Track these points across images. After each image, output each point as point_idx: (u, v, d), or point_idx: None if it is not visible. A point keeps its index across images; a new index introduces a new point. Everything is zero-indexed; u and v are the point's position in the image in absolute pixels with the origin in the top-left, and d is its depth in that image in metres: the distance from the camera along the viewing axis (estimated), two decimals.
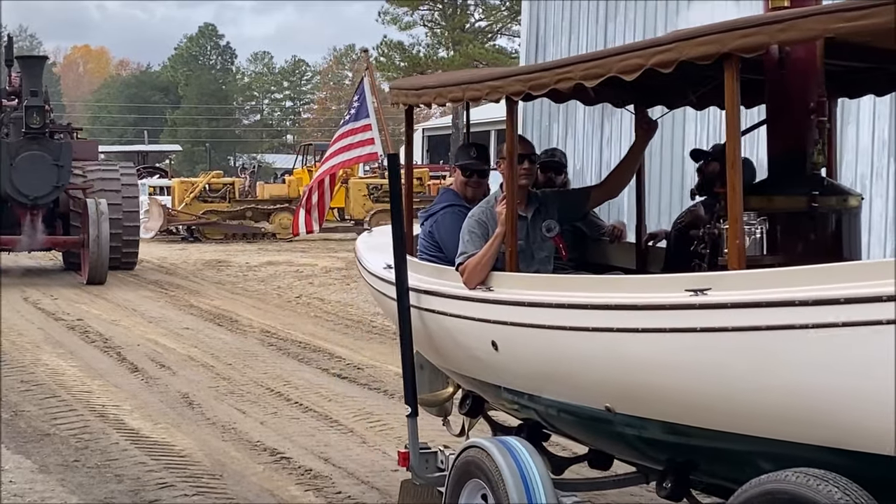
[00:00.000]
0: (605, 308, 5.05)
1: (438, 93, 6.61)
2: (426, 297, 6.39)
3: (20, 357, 13.23)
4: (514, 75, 5.92)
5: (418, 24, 64.83)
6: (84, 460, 8.58)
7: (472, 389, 6.85)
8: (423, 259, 6.76)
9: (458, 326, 6.15)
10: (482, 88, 6.10)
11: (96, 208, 21.60)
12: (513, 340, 5.68)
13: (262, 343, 14.63)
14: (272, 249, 31.99)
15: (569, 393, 5.52)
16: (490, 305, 5.81)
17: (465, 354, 6.26)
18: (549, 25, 18.03)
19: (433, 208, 6.98)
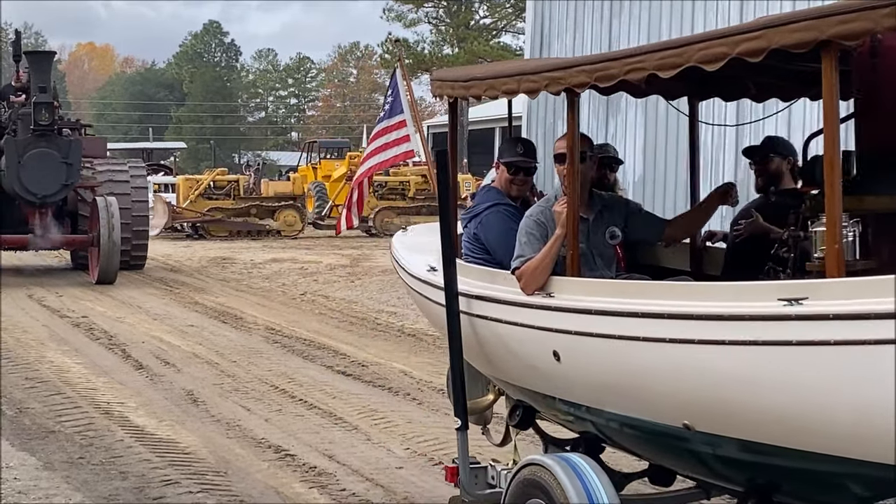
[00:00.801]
0: (685, 318, 4.67)
1: (490, 85, 6.18)
2: (477, 303, 6.03)
3: (25, 354, 13.24)
4: (578, 65, 5.48)
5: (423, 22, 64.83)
6: (89, 457, 8.59)
7: (522, 399, 6.42)
8: (468, 262, 6.41)
9: (515, 335, 5.77)
10: (540, 80, 5.68)
11: (107, 207, 21.23)
12: (578, 351, 5.30)
13: (267, 340, 14.64)
14: (277, 247, 31.99)
15: (639, 408, 5.15)
16: (552, 313, 5.43)
17: (521, 364, 5.89)
18: (554, 23, 18.03)
19: (476, 208, 6.61)
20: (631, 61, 5.09)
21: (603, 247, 5.94)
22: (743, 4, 14.14)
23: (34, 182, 21.23)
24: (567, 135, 5.65)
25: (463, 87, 6.49)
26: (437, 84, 6.91)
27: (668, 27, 15.34)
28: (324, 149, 48.89)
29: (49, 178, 21.30)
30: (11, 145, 21.37)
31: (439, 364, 12.89)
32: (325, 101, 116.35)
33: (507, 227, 6.22)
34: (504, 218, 6.36)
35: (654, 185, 15.63)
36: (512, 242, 5.94)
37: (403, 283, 7.76)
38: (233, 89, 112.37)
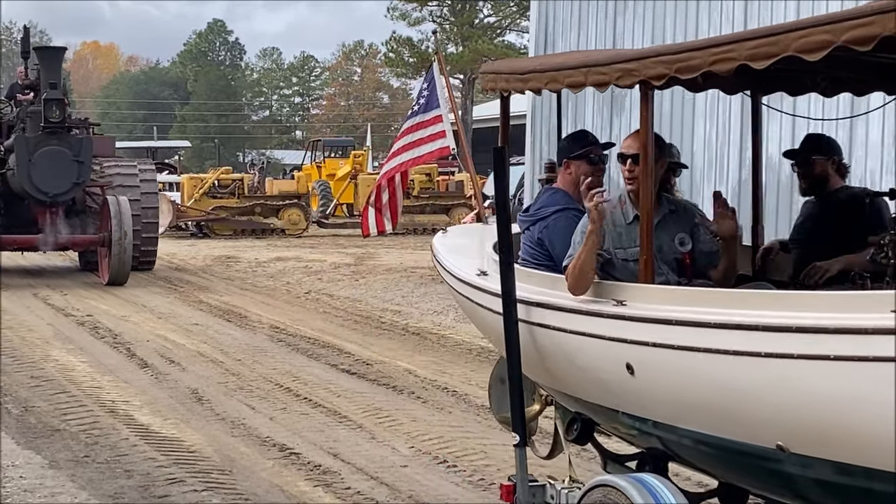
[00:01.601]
0: (784, 330, 4.27)
1: (552, 77, 5.76)
2: (537, 310, 5.63)
3: (30, 353, 13.26)
4: (655, 55, 5.10)
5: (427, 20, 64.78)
6: (94, 456, 8.60)
7: (581, 412, 6.03)
8: (525, 267, 6.04)
9: (581, 345, 5.36)
10: (610, 72, 5.32)
11: (118, 206, 20.78)
12: (655, 364, 4.91)
13: (272, 339, 14.65)
14: (281, 245, 32.02)
15: (724, 426, 4.76)
16: (626, 323, 5.02)
17: (586, 376, 5.49)
18: (558, 21, 18.03)
19: (542, 211, 6.21)
20: (719, 51, 4.73)
21: (670, 252, 5.62)
22: (747, 5, 14.13)
23: (45, 181, 20.78)
24: (640, 132, 5.34)
25: (520, 80, 6.11)
26: (490, 77, 6.54)
27: (673, 27, 15.34)
28: (328, 147, 48.97)
29: (60, 177, 20.86)
30: (22, 143, 20.91)
31: (443, 362, 12.91)
32: (330, 100, 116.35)
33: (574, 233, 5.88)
34: (573, 223, 5.94)
35: None
36: None
37: (449, 287, 7.42)
38: (237, 88, 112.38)
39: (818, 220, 6.29)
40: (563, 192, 6.26)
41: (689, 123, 15.05)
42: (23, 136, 21.08)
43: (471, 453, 8.70)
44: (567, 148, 6.34)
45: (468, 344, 14.23)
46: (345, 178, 40.52)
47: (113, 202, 20.90)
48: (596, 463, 7.47)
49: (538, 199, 6.39)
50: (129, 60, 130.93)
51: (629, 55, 5.34)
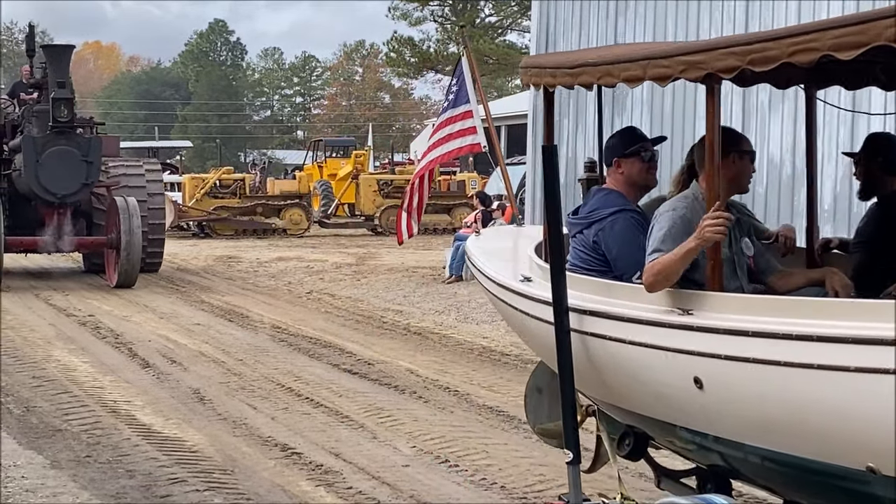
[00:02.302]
0: (877, 343, 3.97)
1: (606, 71, 5.43)
2: (591, 319, 5.30)
3: (32, 353, 13.27)
4: (725, 47, 4.76)
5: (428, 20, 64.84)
6: (96, 456, 8.60)
7: (634, 425, 5.71)
8: (576, 272, 5.69)
9: (643, 357, 5.02)
10: (673, 65, 5.00)
11: (127, 207, 20.35)
12: (727, 378, 4.58)
13: (273, 339, 14.65)
14: (282, 245, 32.03)
15: (804, 445, 4.44)
16: (695, 334, 4.69)
17: (647, 390, 5.16)
18: (559, 21, 18.04)
19: (598, 213, 5.88)
20: (799, 41, 4.37)
21: (743, 256, 5.36)
22: (748, 4, 14.14)
23: (53, 181, 20.36)
24: (707, 130, 5.05)
25: (569, 74, 5.73)
26: (533, 72, 6.16)
27: (674, 26, 15.35)
28: (329, 147, 49.00)
29: (69, 177, 20.42)
30: (29, 143, 20.48)
31: (445, 362, 12.91)
32: (331, 100, 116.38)
33: (633, 236, 5.67)
34: (631, 226, 5.74)
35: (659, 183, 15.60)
36: (636, 255, 5.42)
37: (489, 294, 7.05)
38: (238, 88, 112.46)
39: (878, 223, 6.06)
40: (617, 192, 5.98)
41: (690, 123, 15.05)
42: (30, 136, 20.68)
43: (472, 453, 8.70)
44: (617, 146, 6.07)
45: (469, 344, 14.24)
46: (346, 178, 40.52)
47: (121, 203, 20.50)
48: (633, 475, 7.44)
49: (590, 201, 6.06)
50: (131, 60, 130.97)
51: (694, 46, 5.04)
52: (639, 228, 5.68)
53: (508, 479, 7.98)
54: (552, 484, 7.83)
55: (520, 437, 9.23)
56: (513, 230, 8.36)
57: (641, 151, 5.99)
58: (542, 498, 7.53)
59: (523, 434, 9.33)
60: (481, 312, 16.60)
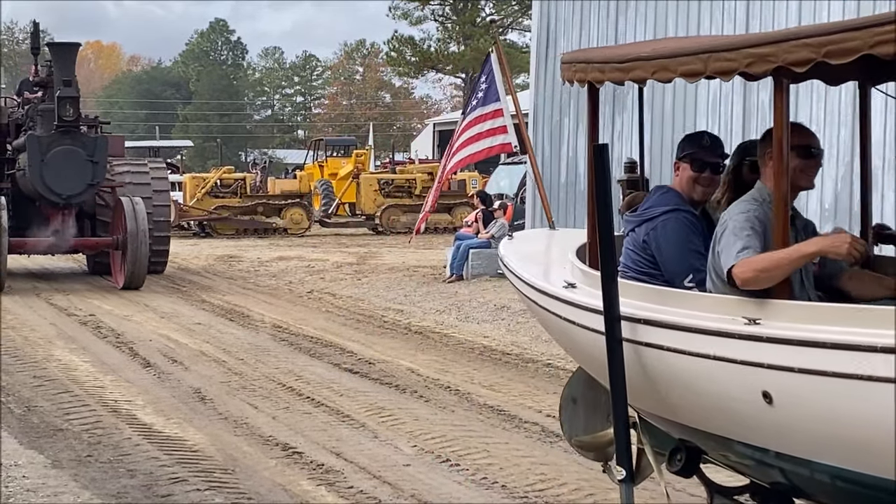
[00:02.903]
0: None
1: (662, 66, 5.10)
2: (644, 328, 5.00)
3: (33, 352, 13.27)
4: (797, 38, 4.43)
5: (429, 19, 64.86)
6: (97, 455, 8.60)
7: (687, 439, 5.40)
8: (623, 275, 5.44)
9: (704, 369, 4.70)
10: (739, 58, 4.67)
11: (133, 208, 20.06)
12: (799, 392, 4.30)
13: (274, 338, 14.66)
14: (283, 245, 32.03)
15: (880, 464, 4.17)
16: (765, 345, 4.38)
17: (706, 403, 4.84)
18: (560, 21, 18.04)
19: (650, 211, 5.69)
20: (883, 31, 4.09)
21: (811, 263, 5.06)
22: (749, 4, 14.14)
23: (58, 181, 20.04)
24: (775, 128, 4.72)
25: (619, 69, 5.40)
26: (578, 67, 5.81)
27: (675, 26, 15.35)
28: (330, 147, 49.06)
29: (74, 178, 20.12)
30: (34, 142, 20.14)
31: (446, 361, 12.91)
32: (332, 99, 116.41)
33: (686, 237, 5.45)
34: (684, 226, 5.48)
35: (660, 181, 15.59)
36: (687, 257, 5.30)
37: (526, 300, 6.69)
38: (239, 87, 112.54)
39: None
40: (675, 191, 5.75)
41: (690, 122, 15.05)
42: (35, 136, 20.36)
43: (473, 452, 8.70)
44: (681, 146, 5.88)
45: (470, 343, 14.24)
46: (347, 178, 40.54)
47: (128, 204, 20.18)
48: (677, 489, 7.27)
49: (648, 199, 5.86)
50: (132, 60, 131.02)
51: (763, 38, 4.67)
52: (692, 230, 5.50)
53: (509, 478, 7.98)
54: (553, 483, 7.84)
55: (521, 437, 9.23)
56: (545, 233, 8.14)
57: (694, 159, 5.72)
58: (543, 497, 7.54)
59: (524, 433, 9.34)
60: (482, 312, 16.60)
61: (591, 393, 6.40)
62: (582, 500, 7.52)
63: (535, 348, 13.76)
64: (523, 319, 15.73)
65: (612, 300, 5.04)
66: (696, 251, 5.40)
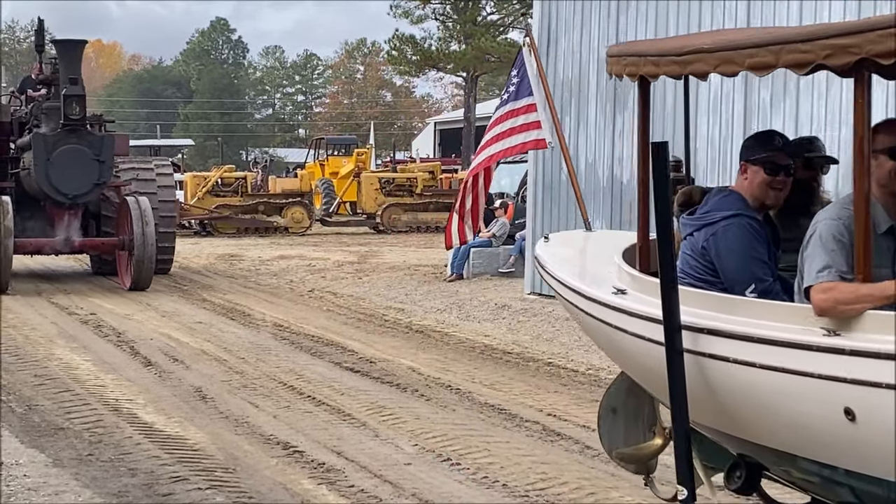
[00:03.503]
0: None
1: (727, 58, 4.71)
2: (707, 339, 4.66)
3: (34, 351, 13.27)
4: (882, 28, 4.03)
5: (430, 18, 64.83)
6: (98, 454, 8.61)
7: (747, 454, 5.11)
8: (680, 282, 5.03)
9: (779, 384, 4.36)
10: (816, 49, 4.26)
11: (139, 208, 19.74)
12: (888, 410, 3.94)
13: (275, 337, 14.66)
14: (284, 243, 32.04)
15: None
16: (848, 358, 4.04)
17: (779, 420, 4.49)
18: (561, 20, 18.03)
19: (711, 215, 5.36)
20: None
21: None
22: (750, 4, 14.13)
23: (64, 181, 19.77)
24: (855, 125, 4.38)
25: (677, 62, 5.04)
26: (630, 60, 5.45)
27: (676, 25, 15.34)
28: (331, 145, 49.06)
29: (80, 177, 19.84)
30: (40, 141, 19.85)
31: (447, 360, 12.91)
32: (333, 98, 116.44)
33: (749, 244, 5.17)
34: (748, 233, 5.18)
35: None
36: (749, 266, 5.07)
37: (569, 307, 6.31)
38: (240, 86, 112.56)
39: None
40: (738, 195, 5.41)
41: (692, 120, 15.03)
42: (40, 134, 20.05)
43: (474, 451, 8.70)
44: (749, 147, 5.52)
45: (471, 342, 14.24)
46: (348, 177, 40.57)
47: (134, 204, 19.88)
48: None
49: (708, 201, 5.52)
50: (132, 59, 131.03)
51: (843, 28, 4.25)
52: (755, 237, 5.22)
53: (510, 477, 7.98)
54: (554, 482, 7.84)
55: (522, 436, 9.24)
56: (581, 234, 7.86)
57: (769, 162, 5.36)
58: (544, 496, 7.54)
59: (525, 432, 9.35)
60: (483, 311, 16.61)
61: (632, 402, 6.21)
62: (583, 499, 7.53)
63: (536, 347, 13.77)
64: (524, 318, 15.75)
65: (672, 309, 4.73)
66: (759, 259, 5.17)
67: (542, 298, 17.44)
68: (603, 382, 11.62)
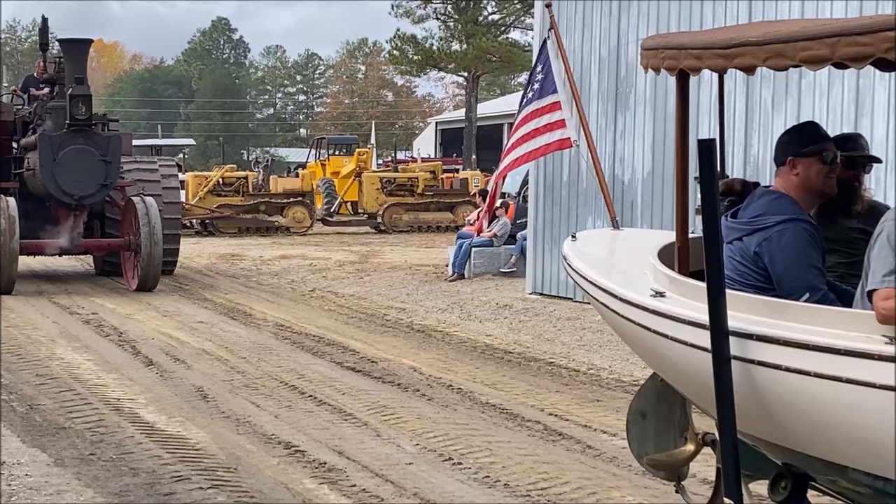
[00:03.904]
0: None
1: (779, 51, 4.42)
2: (759, 346, 4.43)
3: (35, 351, 13.28)
4: None
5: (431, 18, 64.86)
6: (99, 454, 8.61)
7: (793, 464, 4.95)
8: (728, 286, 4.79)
9: (836, 393, 4.17)
10: (876, 42, 4.04)
11: (146, 208, 19.54)
12: None
13: (276, 336, 14.66)
14: (286, 243, 32.04)
15: None
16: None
17: (833, 430, 4.32)
18: (563, 19, 18.02)
19: (763, 220, 5.13)
20: None
21: None
22: (751, 4, 14.14)
23: (70, 181, 19.49)
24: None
25: (722, 55, 4.78)
26: (669, 53, 5.19)
27: (677, 24, 15.34)
28: (332, 145, 49.09)
29: (87, 178, 19.56)
30: (46, 141, 19.55)
31: (448, 360, 12.91)
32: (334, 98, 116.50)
33: (804, 251, 4.97)
34: (803, 238, 4.98)
35: (662, 179, 15.64)
36: (806, 273, 4.88)
37: (602, 308, 6.04)
38: (241, 86, 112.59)
39: None
40: (789, 197, 5.18)
41: (693, 122, 15.04)
42: (46, 135, 19.77)
43: (476, 451, 8.70)
44: (794, 142, 5.29)
45: (473, 341, 14.24)
46: (349, 176, 40.58)
47: (140, 204, 19.69)
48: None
49: (753, 204, 5.28)
50: (134, 59, 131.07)
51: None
52: (811, 243, 5.02)
53: (512, 476, 7.99)
54: (555, 481, 7.85)
55: (523, 435, 9.24)
56: (608, 233, 7.67)
57: (823, 151, 5.19)
58: (546, 495, 7.55)
59: (527, 432, 9.35)
60: (484, 310, 16.61)
61: (663, 407, 6.07)
62: (584, 498, 7.53)
63: (538, 347, 13.77)
64: (525, 318, 15.75)
65: (720, 314, 4.48)
66: (815, 267, 4.98)
67: (544, 298, 17.45)
68: (604, 382, 11.63)
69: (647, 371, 12.08)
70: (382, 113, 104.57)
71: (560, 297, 17.25)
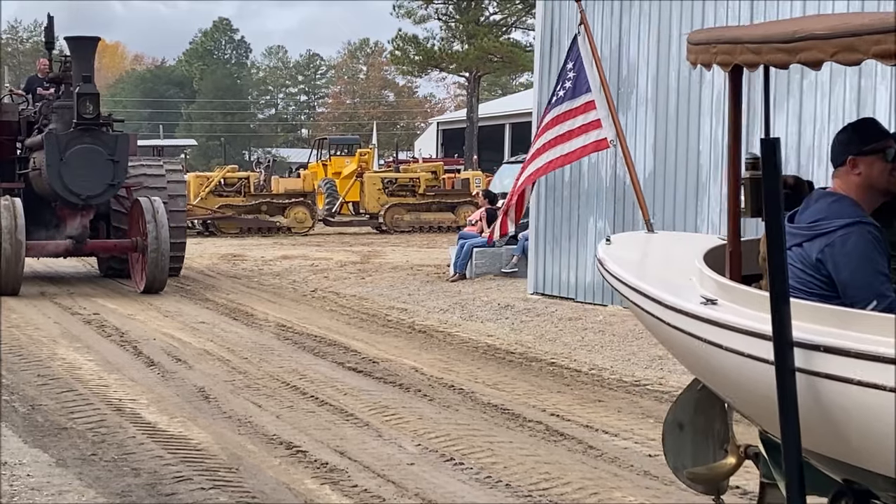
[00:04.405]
0: None
1: (848, 45, 4.12)
2: (824, 357, 4.16)
3: (37, 351, 13.28)
4: None
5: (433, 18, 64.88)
6: (101, 454, 8.61)
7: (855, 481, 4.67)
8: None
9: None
10: None
11: (153, 209, 19.40)
12: None
13: (278, 337, 14.66)
14: (287, 243, 32.05)
15: None
16: None
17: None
18: (564, 19, 18.03)
19: (824, 224, 4.84)
20: None
21: None
22: (753, 4, 14.13)
23: (77, 182, 19.28)
24: None
25: (783, 49, 4.46)
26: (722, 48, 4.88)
27: (679, 25, 15.34)
28: (334, 145, 49.11)
29: (94, 178, 19.34)
30: (53, 141, 19.34)
31: (450, 360, 12.91)
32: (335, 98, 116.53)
33: (871, 256, 4.71)
34: (869, 243, 4.72)
35: (664, 180, 15.63)
36: (873, 280, 4.66)
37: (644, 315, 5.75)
38: (243, 86, 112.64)
39: None
40: (850, 199, 4.91)
41: (695, 122, 15.04)
42: (53, 134, 19.56)
43: (477, 451, 8.70)
44: (853, 141, 5.01)
45: (474, 342, 14.24)
46: (351, 177, 40.58)
47: (147, 204, 19.55)
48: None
49: (812, 207, 5.00)
50: (136, 59, 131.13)
51: None
52: (877, 247, 4.75)
53: (513, 476, 7.99)
54: (557, 482, 7.85)
55: (525, 435, 9.24)
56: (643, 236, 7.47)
57: (886, 149, 4.92)
58: (547, 495, 7.54)
59: (528, 432, 9.35)
60: (486, 310, 16.61)
61: (701, 419, 5.90)
62: (586, 499, 7.53)
63: (539, 347, 13.77)
64: (527, 318, 15.75)
65: (784, 324, 4.21)
66: (882, 273, 4.73)
67: (545, 298, 17.44)
68: (606, 382, 11.63)
69: (649, 371, 12.10)
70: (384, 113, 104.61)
71: (562, 298, 17.25)
